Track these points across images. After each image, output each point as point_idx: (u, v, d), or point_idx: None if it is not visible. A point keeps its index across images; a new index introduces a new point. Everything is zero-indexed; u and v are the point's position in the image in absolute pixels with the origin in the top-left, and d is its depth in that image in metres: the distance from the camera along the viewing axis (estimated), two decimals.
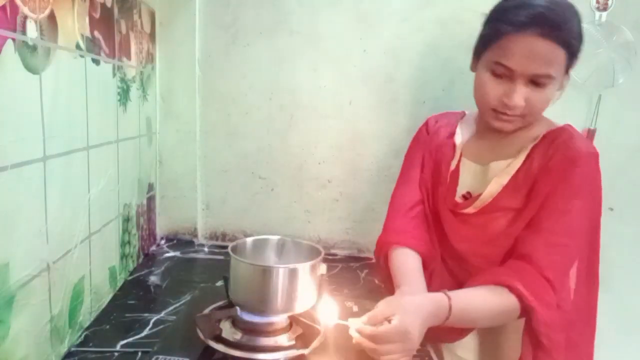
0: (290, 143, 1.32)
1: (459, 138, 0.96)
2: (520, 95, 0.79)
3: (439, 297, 0.75)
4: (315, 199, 1.34)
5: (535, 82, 0.78)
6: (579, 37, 0.78)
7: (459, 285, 0.89)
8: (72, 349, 0.78)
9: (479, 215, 0.88)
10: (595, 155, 0.82)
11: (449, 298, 0.74)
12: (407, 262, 0.89)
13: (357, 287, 1.12)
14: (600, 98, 1.25)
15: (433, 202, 0.96)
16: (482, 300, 0.78)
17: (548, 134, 0.85)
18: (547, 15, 0.74)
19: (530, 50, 0.76)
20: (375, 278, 1.17)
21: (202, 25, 1.26)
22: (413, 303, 0.73)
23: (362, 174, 1.32)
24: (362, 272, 1.22)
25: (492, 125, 0.85)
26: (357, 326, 0.70)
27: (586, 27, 1.21)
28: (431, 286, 0.89)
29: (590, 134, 1.26)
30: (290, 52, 1.27)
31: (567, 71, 0.81)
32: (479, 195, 0.88)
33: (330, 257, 1.31)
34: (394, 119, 1.28)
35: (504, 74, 0.80)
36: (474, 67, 0.88)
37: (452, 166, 0.93)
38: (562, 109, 0.93)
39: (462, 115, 1.02)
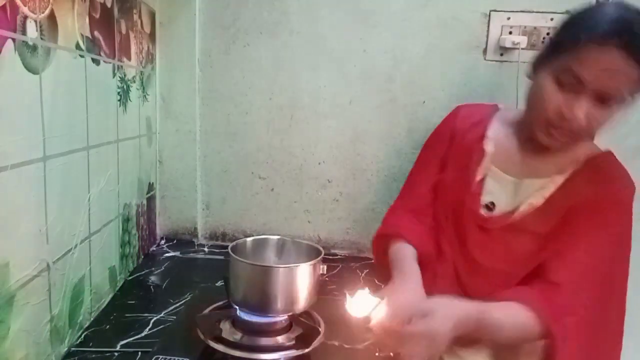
0: (290, 143, 1.32)
1: (490, 145, 0.88)
2: (582, 109, 0.73)
3: (471, 306, 0.72)
4: (315, 199, 1.34)
5: (603, 99, 0.73)
6: None
7: (463, 291, 0.88)
8: (72, 349, 0.78)
9: (504, 231, 0.85)
10: (634, 191, 0.81)
11: (481, 311, 0.72)
12: (401, 251, 0.88)
13: (357, 287, 1.11)
14: None
15: (455, 209, 0.91)
16: (509, 322, 0.75)
17: (590, 160, 0.80)
18: (635, 32, 0.68)
19: (610, 65, 0.70)
20: (376, 278, 1.17)
21: (202, 25, 1.27)
22: (447, 306, 0.70)
23: (362, 174, 1.32)
24: (362, 272, 1.22)
25: (540, 139, 0.81)
26: (380, 320, 0.68)
27: None
28: (434, 289, 0.88)
29: None
30: (290, 52, 1.27)
31: (632, 94, 0.74)
32: (508, 213, 0.84)
33: (330, 257, 1.31)
34: (394, 119, 1.28)
35: (571, 84, 0.73)
36: (532, 74, 0.82)
37: (478, 176, 0.88)
38: None
39: (495, 110, 0.95)
